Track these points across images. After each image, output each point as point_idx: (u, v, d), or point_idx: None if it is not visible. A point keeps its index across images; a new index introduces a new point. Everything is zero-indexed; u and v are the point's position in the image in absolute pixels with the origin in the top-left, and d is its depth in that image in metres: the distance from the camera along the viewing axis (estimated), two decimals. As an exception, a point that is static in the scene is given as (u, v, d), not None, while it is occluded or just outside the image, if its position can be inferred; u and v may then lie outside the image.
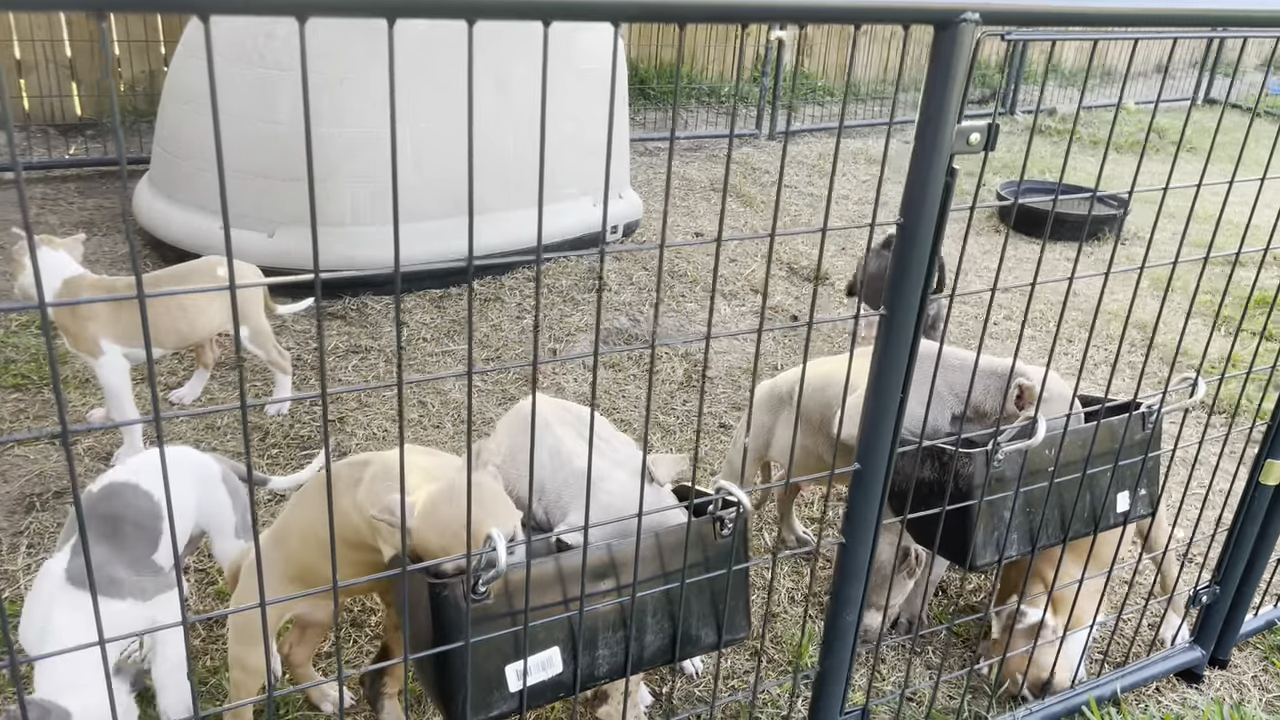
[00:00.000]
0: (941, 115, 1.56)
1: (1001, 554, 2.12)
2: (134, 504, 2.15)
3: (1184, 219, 6.38)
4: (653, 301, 4.67)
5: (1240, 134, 8.58)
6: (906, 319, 1.69)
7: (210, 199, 4.37)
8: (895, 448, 1.79)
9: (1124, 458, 2.22)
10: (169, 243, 4.45)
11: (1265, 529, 2.54)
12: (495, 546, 1.49)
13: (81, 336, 3.03)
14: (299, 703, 2.36)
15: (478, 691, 1.62)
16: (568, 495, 1.94)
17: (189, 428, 3.39)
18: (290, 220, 4.26)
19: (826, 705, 2.04)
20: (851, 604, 1.92)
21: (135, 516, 2.14)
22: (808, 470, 2.66)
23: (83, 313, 3.02)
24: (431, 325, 4.25)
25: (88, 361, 3.08)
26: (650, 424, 3.65)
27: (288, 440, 3.37)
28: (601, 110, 4.95)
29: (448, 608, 1.59)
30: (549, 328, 4.33)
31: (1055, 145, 8.06)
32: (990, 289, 1.69)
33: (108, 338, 3.05)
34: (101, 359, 3.06)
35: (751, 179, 6.60)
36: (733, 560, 1.79)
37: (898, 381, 1.74)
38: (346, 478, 1.85)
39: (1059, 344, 4.61)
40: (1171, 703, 2.60)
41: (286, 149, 4.18)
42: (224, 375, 3.73)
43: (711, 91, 8.52)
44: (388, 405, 3.64)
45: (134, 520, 2.13)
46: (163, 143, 4.55)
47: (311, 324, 4.15)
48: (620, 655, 1.75)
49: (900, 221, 1.64)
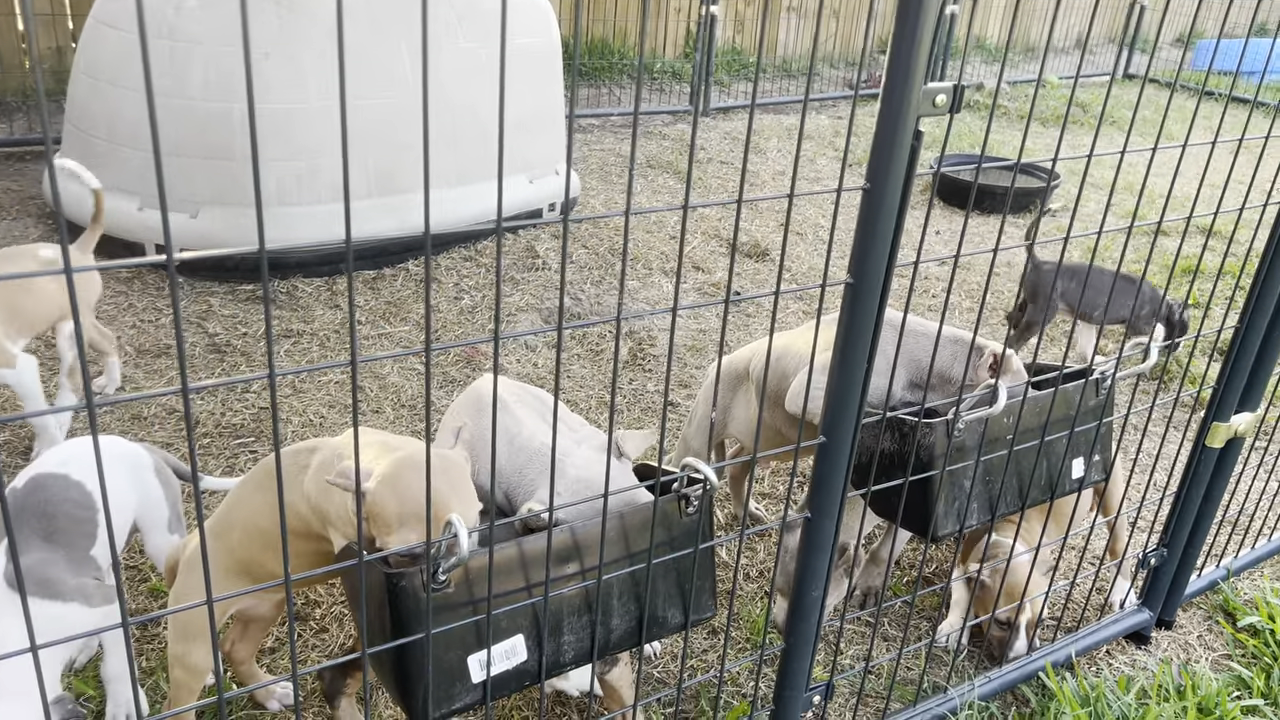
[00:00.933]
0: (908, 76, 1.51)
1: (962, 524, 2.11)
2: (66, 496, 2.02)
3: (1119, 192, 6.51)
4: (593, 280, 4.60)
5: (1159, 108, 8.79)
6: (872, 288, 1.66)
7: (126, 179, 4.16)
8: (860, 420, 1.76)
9: (1078, 424, 2.23)
10: (84, 225, 4.23)
11: (1210, 491, 2.58)
12: (456, 532, 1.42)
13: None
14: (243, 702, 2.26)
15: (439, 684, 1.55)
16: (530, 474, 1.87)
17: (114, 418, 3.23)
18: (212, 200, 4.08)
19: (791, 682, 2.01)
20: (817, 579, 1.89)
21: (69, 509, 2.00)
22: (766, 446, 2.63)
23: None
24: (367, 308, 4.12)
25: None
26: (597, 404, 3.59)
27: (219, 429, 3.23)
28: (533, 86, 4.84)
29: (405, 598, 1.51)
30: (489, 308, 4.23)
31: (984, 119, 8.15)
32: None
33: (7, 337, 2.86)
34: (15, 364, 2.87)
35: (687, 155, 6.54)
36: (699, 539, 1.74)
37: (863, 353, 1.70)
38: (292, 466, 1.75)
39: (998, 314, 4.66)
40: (1122, 665, 2.63)
41: (203, 125, 4.00)
42: (149, 363, 3.56)
43: (646, 67, 8.43)
44: (323, 391, 3.51)
45: (67, 514, 2.00)
46: (74, 120, 4.32)
47: (240, 308, 3.99)
48: (586, 640, 1.69)
49: (867, 187, 1.59)
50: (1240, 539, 3.07)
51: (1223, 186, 1.96)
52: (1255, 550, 3.00)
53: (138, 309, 3.91)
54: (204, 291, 4.09)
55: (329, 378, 3.59)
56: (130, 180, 4.16)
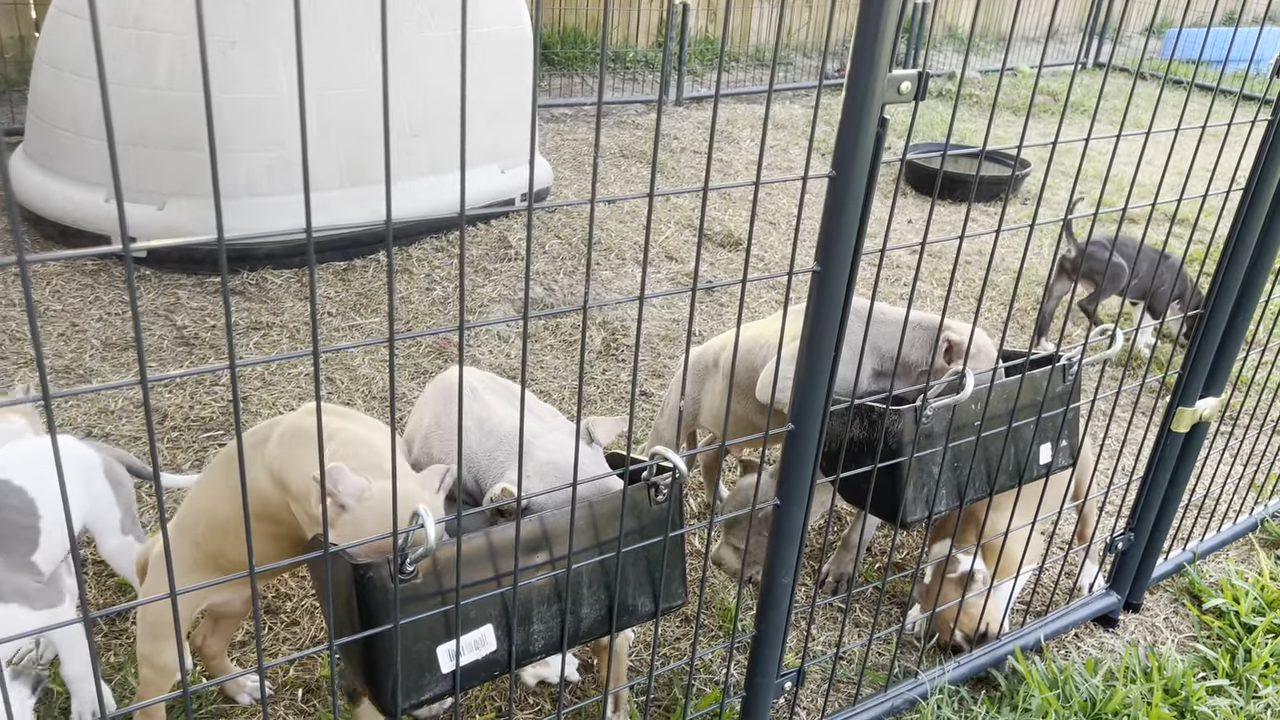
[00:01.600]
0: (873, 64, 1.52)
1: (931, 510, 2.13)
2: (5, 502, 1.98)
3: (1087, 180, 6.55)
4: (566, 270, 4.59)
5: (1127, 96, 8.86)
6: (839, 275, 1.66)
7: (92, 170, 4.11)
8: (829, 407, 1.77)
9: (1046, 410, 2.25)
10: (50, 218, 4.18)
11: (1175, 476, 2.61)
12: (423, 524, 1.41)
13: None
14: (214, 695, 2.24)
15: (408, 675, 1.54)
16: (500, 456, 1.86)
17: (79, 412, 3.19)
18: (179, 192, 4.04)
19: (763, 668, 2.02)
20: (787, 566, 1.89)
21: (8, 515, 1.96)
22: (736, 435, 2.63)
23: None
24: (336, 299, 4.10)
25: None
26: (569, 394, 3.58)
27: (188, 423, 3.20)
28: (505, 75, 4.82)
29: (373, 589, 1.50)
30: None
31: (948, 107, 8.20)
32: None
33: None
34: None
35: (661, 145, 6.53)
36: (668, 526, 1.75)
37: (831, 340, 1.71)
38: (251, 444, 1.74)
39: (969, 302, 4.69)
40: (1090, 648, 2.66)
41: (169, 115, 3.95)
42: (115, 356, 3.52)
43: (618, 57, 8.41)
44: (293, 384, 3.49)
45: (6, 519, 1.96)
46: (37, 111, 4.26)
47: (209, 301, 3.95)
48: (556, 630, 1.69)
49: (832, 175, 1.60)
50: (1206, 523, 3.11)
51: (1186, 173, 1.97)
52: (1220, 533, 3.04)
53: (104, 302, 3.86)
54: (172, 284, 4.05)
55: (299, 369, 3.57)
56: (96, 172, 4.10)
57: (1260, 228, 2.31)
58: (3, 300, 3.78)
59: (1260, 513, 3.17)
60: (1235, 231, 2.30)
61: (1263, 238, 2.33)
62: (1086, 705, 2.37)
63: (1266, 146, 2.21)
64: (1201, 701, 2.43)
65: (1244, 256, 2.32)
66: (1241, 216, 2.28)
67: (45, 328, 3.63)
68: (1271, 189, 2.25)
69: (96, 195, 4.08)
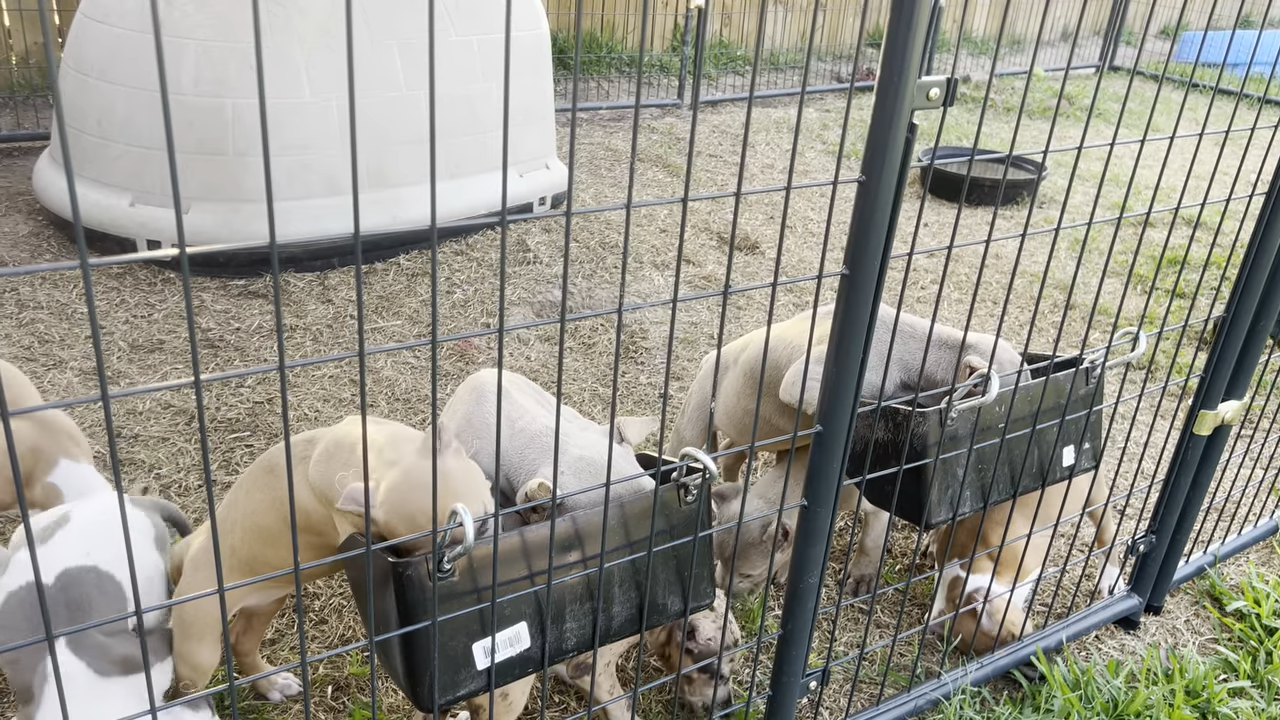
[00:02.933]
0: (903, 70, 1.54)
1: (955, 512, 2.14)
2: (102, 590, 1.90)
3: (1108, 185, 6.55)
4: (584, 273, 4.62)
5: (1146, 100, 8.85)
6: (868, 279, 1.68)
7: (117, 174, 4.16)
8: (856, 409, 1.79)
9: (1069, 413, 2.26)
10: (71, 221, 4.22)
11: (1198, 479, 2.62)
12: (462, 523, 1.44)
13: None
14: (245, 693, 2.28)
15: (445, 671, 1.57)
16: (532, 455, 1.89)
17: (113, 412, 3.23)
18: (204, 195, 4.08)
19: (789, 669, 2.04)
20: (813, 566, 1.92)
21: (105, 604, 1.89)
22: (760, 436, 2.65)
23: None
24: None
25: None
26: (590, 397, 3.61)
27: (214, 424, 3.24)
28: (523, 80, 4.85)
29: (412, 587, 1.53)
30: (481, 301, 4.24)
31: (971, 112, 8.20)
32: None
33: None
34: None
35: (677, 149, 6.56)
36: (698, 526, 1.77)
37: (859, 343, 1.73)
38: (294, 454, 1.77)
39: (987, 306, 4.70)
40: (1111, 649, 2.67)
41: (193, 120, 3.99)
42: (142, 358, 3.56)
43: (632, 61, 8.44)
44: (317, 386, 3.52)
45: (104, 609, 1.89)
46: (64, 115, 4.31)
47: (232, 304, 4.00)
48: (588, 627, 1.71)
49: (862, 179, 1.62)
50: (1227, 525, 3.12)
51: (1209, 178, 1.99)
52: (1241, 536, 3.05)
53: (130, 305, 3.91)
54: (196, 287, 4.09)
55: (323, 372, 3.60)
56: (121, 176, 4.15)
57: (1283, 231, 2.32)
58: (31, 304, 3.83)
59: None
60: (1258, 235, 2.31)
61: (1285, 241, 2.34)
62: (1108, 706, 2.38)
63: (1289, 151, 2.22)
64: (1223, 703, 2.44)
65: (1267, 260, 2.34)
66: (1265, 221, 2.29)
67: (73, 330, 3.67)
68: (1294, 192, 2.26)
69: (122, 199, 4.13)
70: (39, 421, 2.34)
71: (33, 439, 2.34)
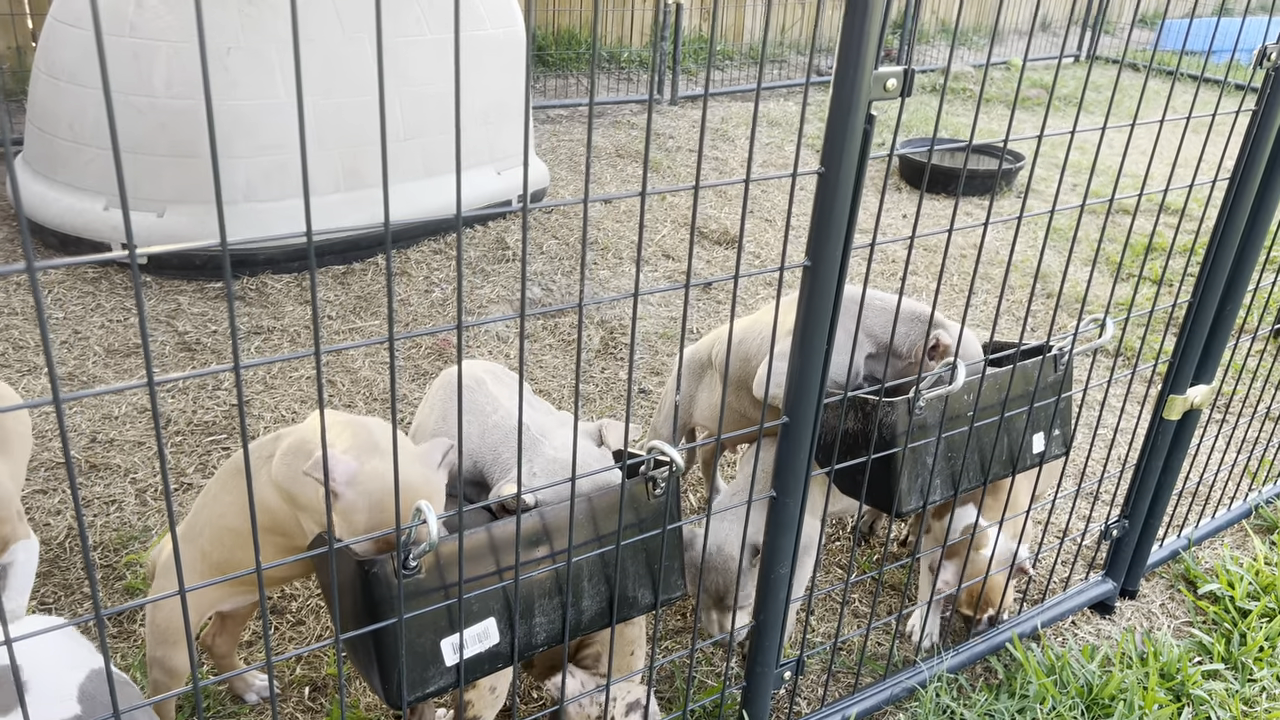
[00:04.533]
0: (859, 61, 1.55)
1: (926, 500, 2.16)
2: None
3: (1083, 172, 6.58)
4: (564, 270, 4.62)
5: (1122, 89, 8.88)
6: (830, 269, 1.69)
7: (91, 179, 4.14)
8: (822, 399, 1.80)
9: (1037, 400, 2.28)
10: (50, 227, 4.21)
11: (1169, 463, 2.64)
12: (425, 519, 1.44)
13: None
14: (222, 695, 2.28)
15: (413, 668, 1.57)
16: (505, 452, 1.89)
17: (84, 419, 3.22)
18: (178, 199, 4.07)
19: (763, 659, 2.05)
20: (784, 557, 1.93)
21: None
22: (732, 429, 2.66)
23: None
24: (337, 303, 4.13)
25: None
26: (568, 393, 3.61)
27: (191, 427, 3.23)
28: (500, 77, 4.85)
29: (378, 585, 1.53)
30: (459, 300, 4.24)
31: (949, 103, 8.22)
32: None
33: None
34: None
35: (656, 144, 6.57)
36: (666, 519, 1.78)
37: (823, 334, 1.74)
38: (258, 457, 1.77)
39: (957, 293, 4.72)
40: (1087, 634, 2.69)
41: (166, 123, 3.98)
42: (119, 363, 3.55)
43: (612, 57, 8.44)
44: (294, 387, 3.52)
45: None
46: (36, 121, 4.29)
47: (209, 306, 3.98)
48: (558, 622, 1.72)
49: (821, 171, 1.63)
50: (1200, 509, 3.14)
51: (1171, 163, 2.00)
52: (1215, 520, 3.07)
53: (106, 309, 3.89)
54: (172, 290, 4.08)
55: (300, 373, 3.60)
56: (95, 180, 4.13)
57: (1246, 216, 2.34)
58: (5, 309, 3.81)
59: (1254, 499, 3.20)
60: (1221, 220, 2.33)
61: (1249, 226, 2.36)
62: (1083, 691, 2.40)
63: (1251, 136, 2.24)
64: (1197, 685, 2.46)
65: (1231, 246, 2.35)
66: (1228, 205, 2.31)
67: (50, 338, 3.66)
68: (1257, 178, 2.28)
69: (96, 203, 4.11)
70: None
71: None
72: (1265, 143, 2.24)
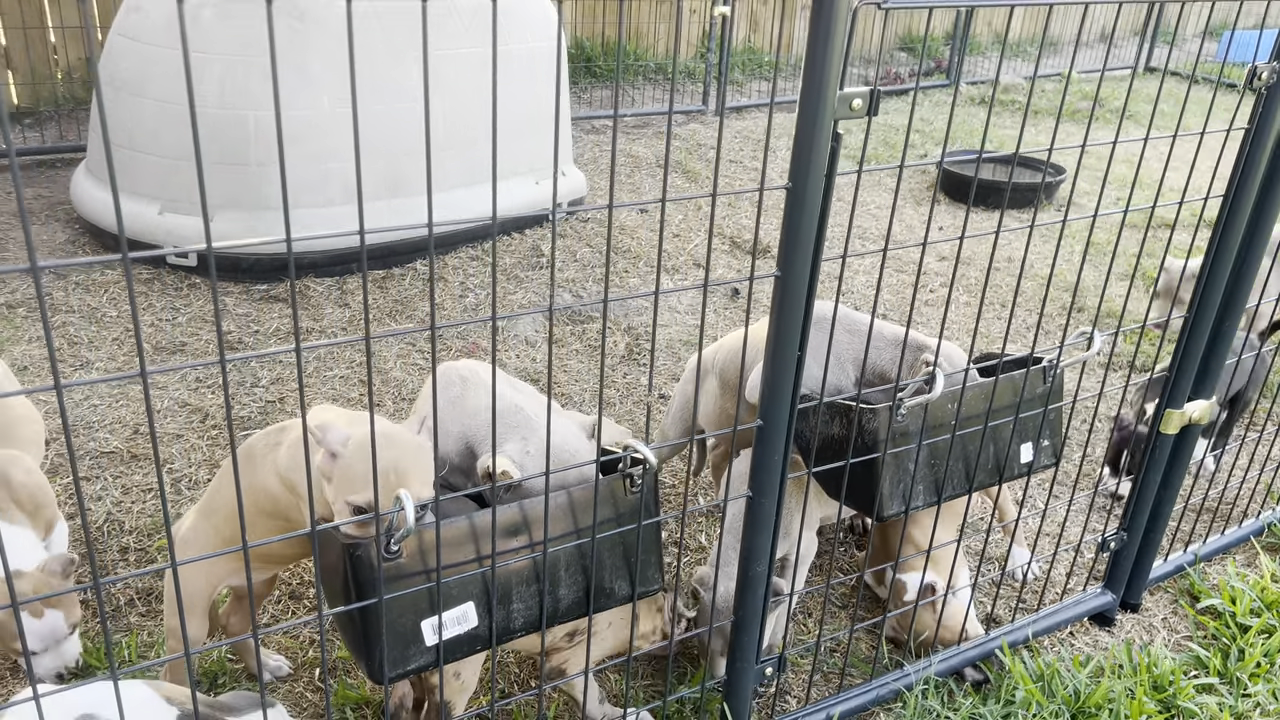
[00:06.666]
0: (823, 83, 1.63)
1: (908, 504, 2.22)
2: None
3: (1127, 186, 6.53)
4: (595, 278, 4.73)
5: (1180, 101, 8.75)
6: (799, 281, 1.77)
7: (146, 184, 4.36)
8: (795, 404, 1.87)
9: (1025, 410, 2.32)
10: (109, 230, 4.44)
11: (1168, 476, 2.65)
12: (404, 507, 1.56)
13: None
14: (237, 673, 2.42)
15: (394, 646, 1.68)
16: (500, 430, 2.00)
17: (129, 410, 3.41)
18: (228, 204, 4.27)
19: (743, 654, 2.12)
20: (760, 555, 2.00)
21: None
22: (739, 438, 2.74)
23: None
24: (374, 306, 4.29)
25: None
26: (591, 397, 3.72)
27: (226, 423, 3.40)
28: (539, 88, 4.98)
29: (362, 567, 1.65)
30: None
31: (997, 115, 8.18)
32: (882, 249, 1.76)
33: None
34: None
35: (697, 154, 6.66)
36: (641, 515, 1.87)
37: (794, 341, 1.82)
38: (263, 445, 1.90)
39: (992, 308, 4.73)
40: (1084, 645, 2.72)
41: (216, 132, 4.18)
42: (165, 359, 3.75)
43: (658, 68, 8.56)
44: (328, 385, 3.68)
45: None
46: (98, 129, 4.53)
47: (253, 308, 4.17)
48: (535, 609, 1.82)
49: (789, 186, 1.71)
50: (1216, 525, 3.13)
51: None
52: (1225, 536, 3.07)
53: (156, 309, 4.10)
54: (220, 291, 4.28)
55: (334, 372, 3.76)
56: (150, 186, 4.35)
57: (1242, 233, 2.36)
58: (64, 308, 4.03)
59: (1268, 517, 3.18)
60: (1216, 236, 2.35)
61: (1245, 243, 2.38)
62: (1071, 699, 2.43)
63: (1243, 154, 2.26)
64: (1189, 698, 2.47)
65: (1225, 262, 2.38)
66: (1221, 223, 2.34)
67: (102, 333, 3.87)
68: (1251, 195, 2.30)
69: (151, 208, 4.33)
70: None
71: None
72: (1258, 161, 2.27)
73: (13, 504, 2.25)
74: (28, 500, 2.27)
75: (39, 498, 2.31)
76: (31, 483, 2.30)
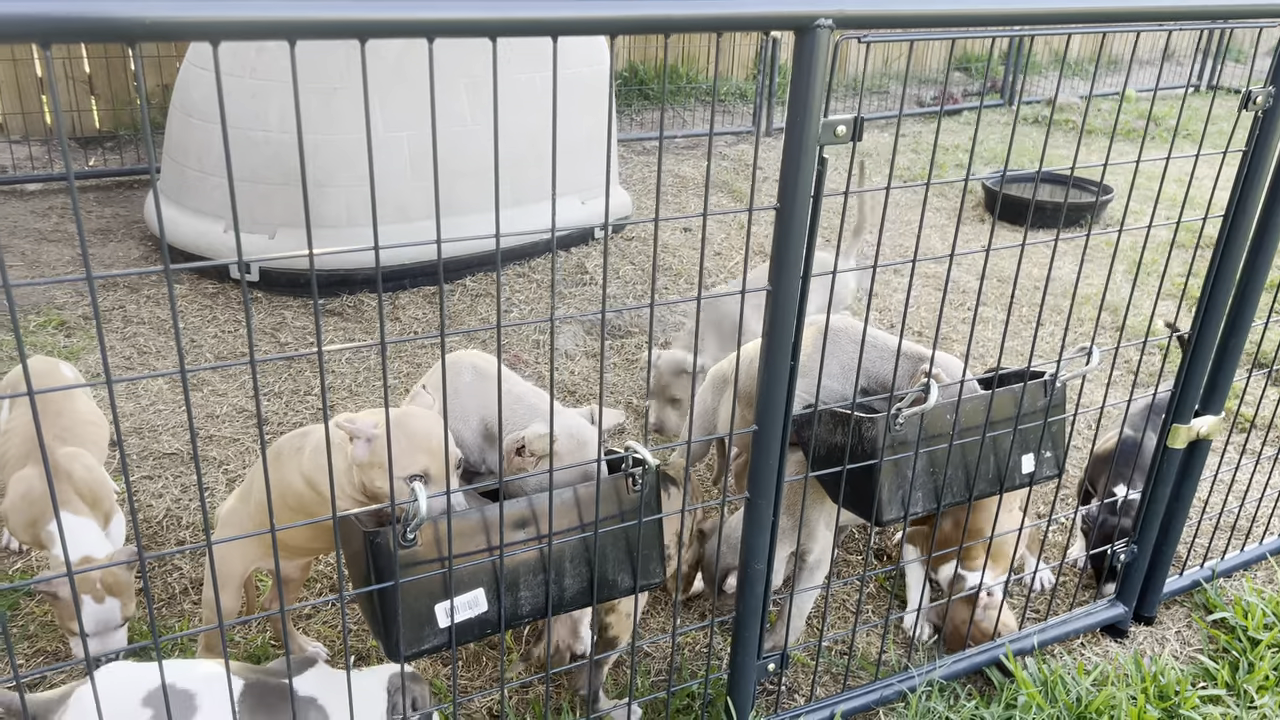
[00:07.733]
0: (807, 111, 1.76)
1: (907, 510, 2.31)
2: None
3: (1176, 206, 6.49)
4: (636, 294, 4.88)
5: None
6: (789, 296, 1.89)
7: (215, 205, 4.63)
8: (790, 410, 1.99)
9: (1025, 422, 2.40)
10: (179, 247, 4.72)
11: (1178, 490, 2.70)
12: (418, 497, 1.71)
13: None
14: (276, 656, 2.59)
15: (410, 627, 1.84)
16: (520, 411, 2.17)
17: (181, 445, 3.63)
18: (288, 223, 4.51)
19: (744, 650, 2.24)
20: (760, 553, 2.12)
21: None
22: (745, 440, 2.86)
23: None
24: (424, 320, 4.49)
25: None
26: (624, 409, 3.86)
27: (282, 428, 3.61)
28: (586, 113, 5.17)
29: (381, 554, 1.80)
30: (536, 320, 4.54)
31: (1067, 135, 8.18)
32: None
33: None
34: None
35: (745, 175, 6.79)
36: (641, 513, 2.00)
37: (786, 350, 1.94)
38: (289, 447, 2.08)
39: (1031, 325, 4.77)
40: (1095, 655, 2.77)
41: (278, 155, 4.43)
42: (226, 369, 3.98)
43: (710, 90, 8.71)
44: (376, 394, 3.87)
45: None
46: (170, 152, 4.82)
47: (312, 321, 4.40)
48: (541, 597, 1.96)
49: (777, 207, 1.84)
50: (1239, 541, 3.15)
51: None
52: (1244, 552, 3.09)
53: (220, 321, 4.35)
54: (280, 305, 4.52)
55: (381, 383, 3.96)
56: (219, 206, 4.62)
57: (1245, 252, 2.42)
58: (134, 319, 4.30)
59: (1292, 534, 3.19)
60: (1217, 256, 2.41)
61: (1250, 261, 2.44)
62: (1073, 705, 2.49)
63: (1241, 178, 2.33)
64: (1194, 708, 2.52)
65: (1229, 279, 2.43)
66: (1223, 241, 2.40)
67: (169, 343, 4.13)
68: (1252, 216, 2.36)
69: (217, 226, 4.59)
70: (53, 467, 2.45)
71: (38, 487, 2.46)
72: (1256, 184, 2.33)
73: (76, 496, 2.47)
74: (88, 493, 2.50)
75: (98, 491, 2.53)
76: (91, 478, 2.52)
